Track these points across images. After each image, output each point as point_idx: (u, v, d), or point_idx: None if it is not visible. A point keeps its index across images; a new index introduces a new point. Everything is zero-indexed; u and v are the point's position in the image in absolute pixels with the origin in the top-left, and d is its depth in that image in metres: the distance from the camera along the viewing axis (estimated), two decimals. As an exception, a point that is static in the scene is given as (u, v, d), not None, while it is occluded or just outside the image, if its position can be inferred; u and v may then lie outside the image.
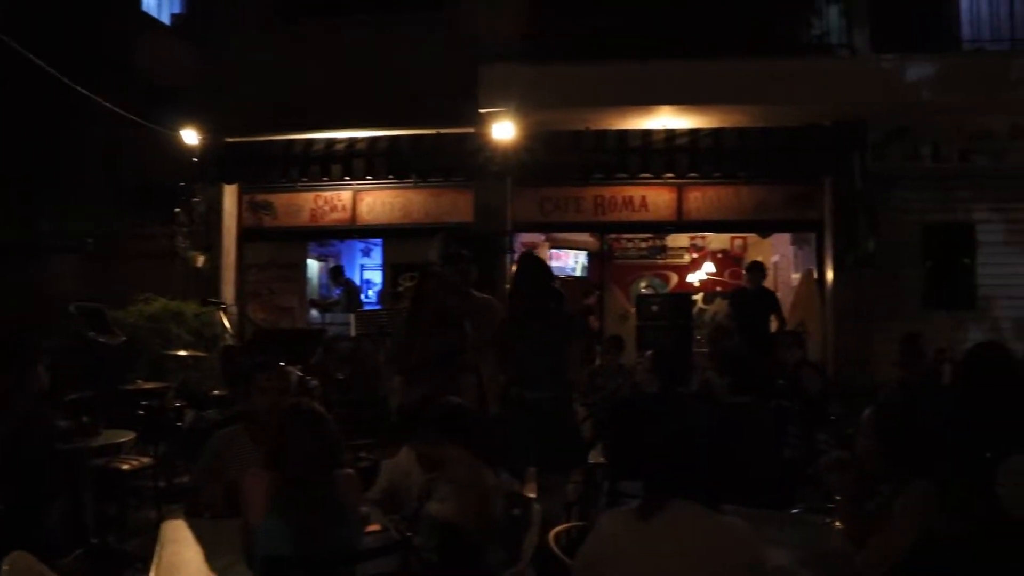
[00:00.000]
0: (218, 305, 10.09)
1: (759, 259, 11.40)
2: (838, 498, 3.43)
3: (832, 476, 3.68)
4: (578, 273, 13.71)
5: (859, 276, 10.23)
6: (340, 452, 3.19)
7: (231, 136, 10.91)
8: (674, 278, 14.46)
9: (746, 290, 10.45)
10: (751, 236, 13.87)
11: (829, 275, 10.61)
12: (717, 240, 14.42)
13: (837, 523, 3.32)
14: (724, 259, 14.37)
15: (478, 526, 3.35)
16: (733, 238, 14.45)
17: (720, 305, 12.29)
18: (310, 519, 3.01)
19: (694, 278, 14.63)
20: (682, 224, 11.30)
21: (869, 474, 3.24)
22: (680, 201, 10.92)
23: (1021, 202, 10.58)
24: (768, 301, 10.29)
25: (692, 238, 14.45)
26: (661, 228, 11.88)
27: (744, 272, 10.82)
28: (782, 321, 10.15)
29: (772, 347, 8.51)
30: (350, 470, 3.24)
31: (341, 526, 3.03)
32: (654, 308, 10.42)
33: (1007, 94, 9.88)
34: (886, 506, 3.12)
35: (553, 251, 13.56)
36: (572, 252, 13.63)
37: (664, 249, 14.19)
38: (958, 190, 10.60)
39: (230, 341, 9.33)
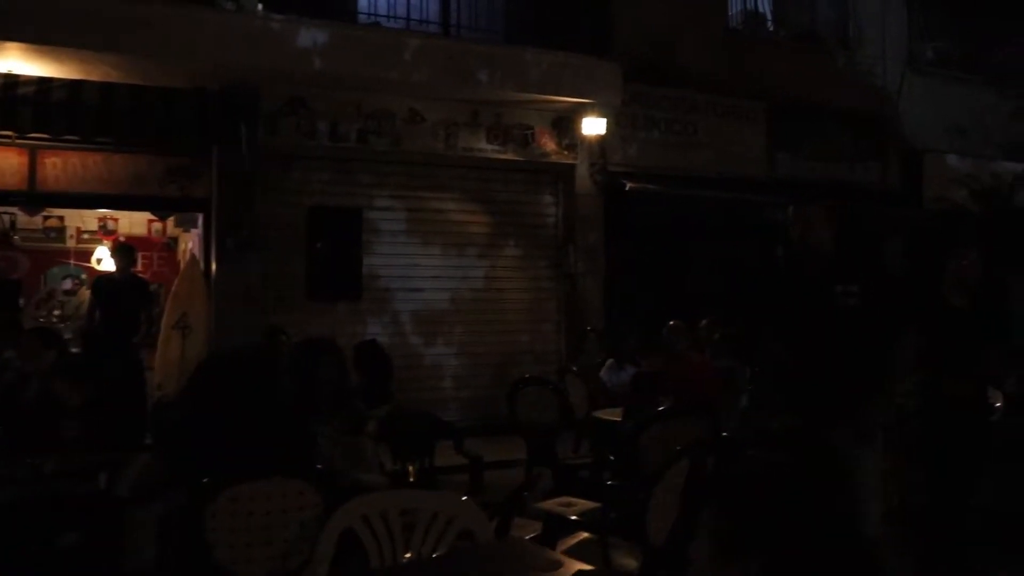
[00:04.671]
0: None
1: (125, 241, 9.82)
2: None
3: None
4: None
5: (243, 263, 9.05)
6: None
7: None
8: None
9: (111, 277, 8.82)
10: (171, 220, 12.23)
11: (213, 262, 9.28)
12: (131, 223, 12.56)
13: None
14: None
15: None
16: (150, 221, 12.69)
17: (84, 295, 10.45)
18: None
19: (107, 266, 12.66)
20: (36, 196, 9.17)
21: None
22: (33, 167, 8.84)
23: (419, 190, 10.16)
24: (137, 290, 8.76)
25: (101, 220, 12.45)
26: (6, 199, 9.64)
27: (112, 256, 9.14)
28: (150, 316, 8.70)
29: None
30: None
31: None
32: (-34, 297, 8.28)
33: (402, 74, 9.29)
34: None
35: None
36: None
37: (61, 231, 12.02)
38: (356, 173, 9.88)
39: None
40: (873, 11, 13.35)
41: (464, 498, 3.56)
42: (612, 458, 5.90)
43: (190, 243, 11.81)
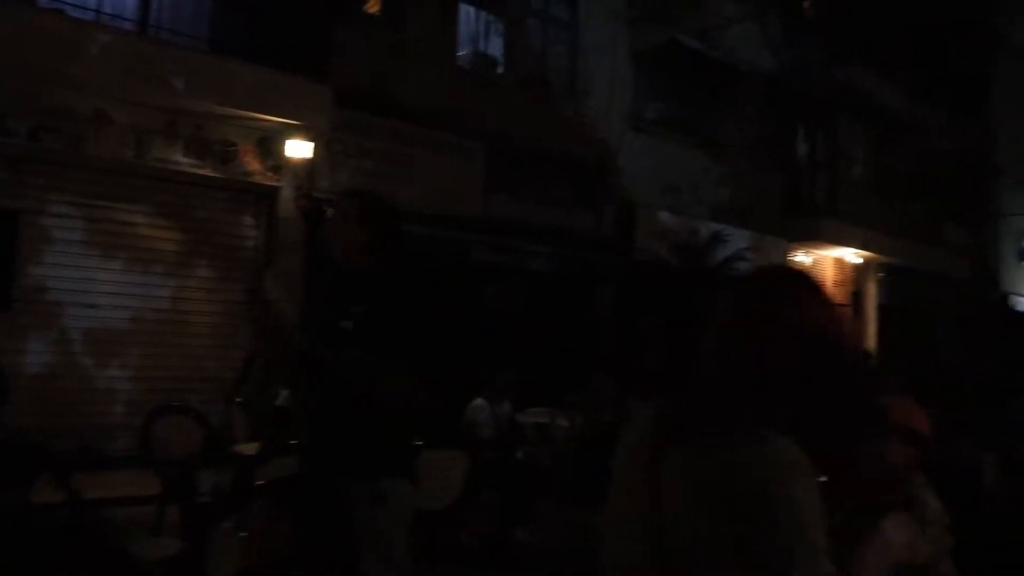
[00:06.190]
0: None
1: None
2: None
3: None
4: None
5: None
6: None
7: None
8: None
9: None
10: None
11: None
12: None
13: None
14: None
15: None
16: None
17: None
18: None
19: None
20: None
21: None
22: None
23: (102, 199, 9.38)
24: None
25: None
26: None
27: None
28: None
29: None
30: None
31: None
32: None
33: (85, 71, 8.57)
34: None
35: None
36: None
37: None
38: (28, 175, 9.00)
39: None
40: (602, 66, 13.83)
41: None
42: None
43: None
